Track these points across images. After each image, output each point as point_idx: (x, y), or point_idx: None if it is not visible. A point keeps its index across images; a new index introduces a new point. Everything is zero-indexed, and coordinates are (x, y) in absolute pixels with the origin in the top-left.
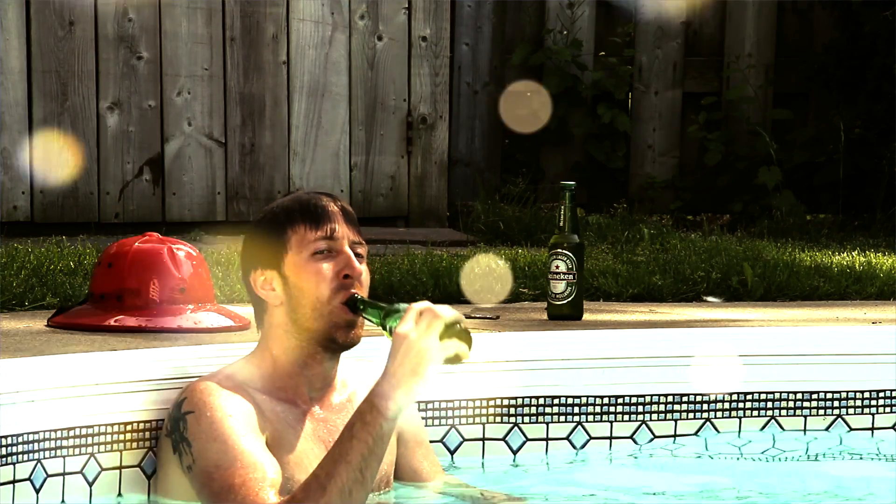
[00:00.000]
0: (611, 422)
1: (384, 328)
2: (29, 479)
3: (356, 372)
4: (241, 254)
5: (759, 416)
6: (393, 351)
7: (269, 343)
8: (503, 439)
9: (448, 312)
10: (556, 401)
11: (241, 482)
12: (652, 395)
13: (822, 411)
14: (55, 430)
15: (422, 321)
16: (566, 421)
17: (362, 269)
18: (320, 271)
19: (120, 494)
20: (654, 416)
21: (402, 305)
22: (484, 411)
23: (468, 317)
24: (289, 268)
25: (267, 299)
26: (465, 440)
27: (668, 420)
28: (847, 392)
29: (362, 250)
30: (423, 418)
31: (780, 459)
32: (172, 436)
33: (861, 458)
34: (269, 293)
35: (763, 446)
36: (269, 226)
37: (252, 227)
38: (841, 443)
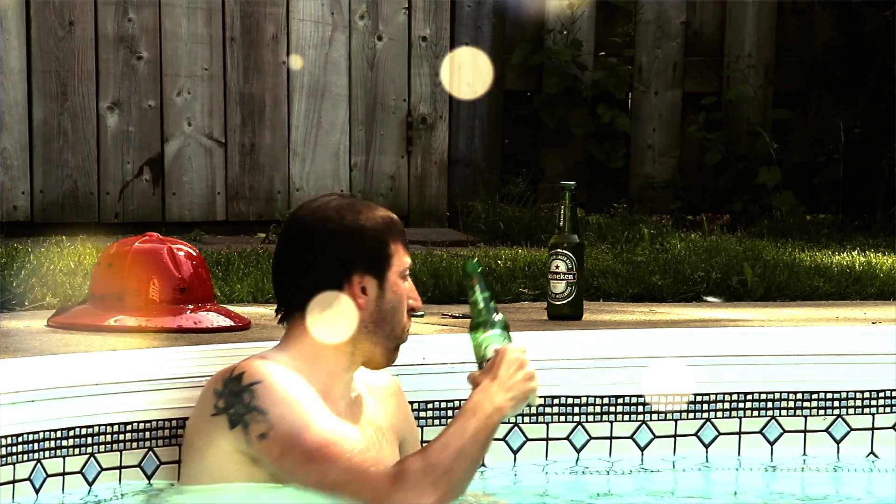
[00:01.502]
0: (611, 422)
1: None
2: (29, 479)
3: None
4: (329, 244)
5: (759, 416)
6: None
7: (321, 339)
8: (503, 439)
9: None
10: (556, 401)
11: (338, 437)
12: (652, 395)
13: (822, 411)
14: (55, 430)
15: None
16: (566, 421)
17: None
18: (404, 293)
19: (120, 494)
20: (654, 416)
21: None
22: None
23: (468, 317)
24: (389, 283)
25: (353, 301)
26: None
27: (668, 420)
28: (847, 392)
29: None
30: (422, 418)
31: (779, 459)
32: (229, 411)
33: (861, 459)
34: (359, 298)
35: (763, 446)
36: (374, 233)
37: (349, 225)
38: (841, 443)
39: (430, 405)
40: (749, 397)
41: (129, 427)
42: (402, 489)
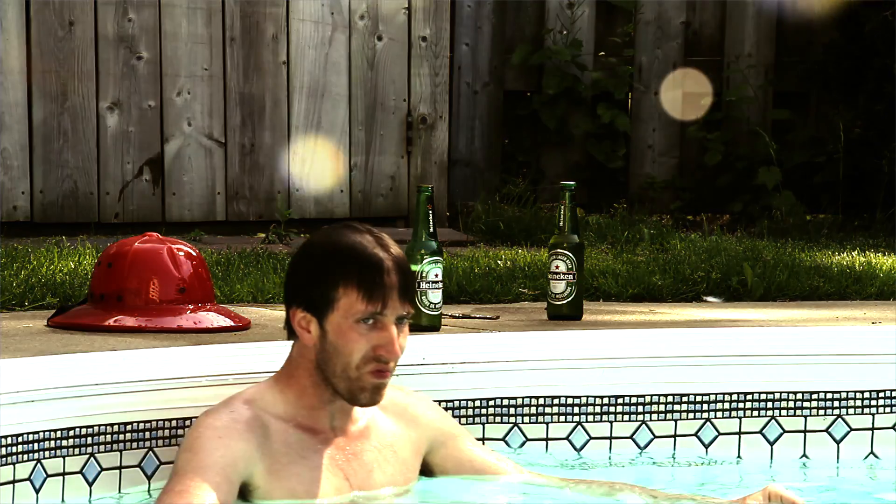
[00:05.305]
0: (611, 422)
1: None
2: (29, 479)
3: None
4: (287, 275)
5: (759, 416)
6: None
7: (299, 371)
8: (503, 439)
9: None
10: (556, 401)
11: (184, 489)
12: (652, 395)
13: (822, 411)
14: (55, 430)
15: None
16: (566, 421)
17: (400, 347)
18: (359, 340)
19: (120, 494)
20: (654, 416)
21: None
22: (485, 411)
23: (468, 317)
24: (331, 325)
25: (301, 337)
26: None
27: (668, 420)
28: (847, 392)
29: (407, 318)
30: None
31: (779, 460)
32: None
33: (861, 458)
34: (303, 333)
35: (763, 446)
36: (322, 270)
37: (304, 256)
38: (841, 443)
39: None
40: (749, 397)
41: (129, 427)
42: None
